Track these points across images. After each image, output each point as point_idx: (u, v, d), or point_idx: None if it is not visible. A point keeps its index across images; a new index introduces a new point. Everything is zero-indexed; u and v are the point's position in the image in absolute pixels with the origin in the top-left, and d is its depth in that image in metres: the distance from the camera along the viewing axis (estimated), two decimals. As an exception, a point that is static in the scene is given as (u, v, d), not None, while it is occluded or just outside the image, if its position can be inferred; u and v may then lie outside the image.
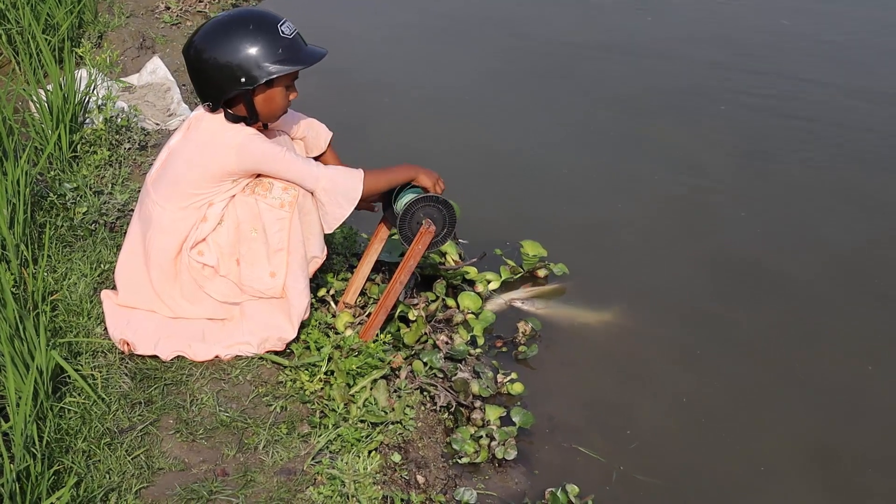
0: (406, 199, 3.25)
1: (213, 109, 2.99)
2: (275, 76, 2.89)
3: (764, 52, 6.26)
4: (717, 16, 6.78)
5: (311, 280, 3.23)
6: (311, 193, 3.05)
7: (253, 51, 2.85)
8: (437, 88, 5.70)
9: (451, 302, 3.78)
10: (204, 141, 2.98)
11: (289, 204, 3.01)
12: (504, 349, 3.71)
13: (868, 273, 4.23)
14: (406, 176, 3.24)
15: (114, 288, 3.29)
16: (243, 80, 2.87)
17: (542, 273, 4.09)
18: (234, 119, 2.99)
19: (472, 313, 3.75)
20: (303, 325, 3.21)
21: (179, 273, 3.07)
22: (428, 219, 3.24)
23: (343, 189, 3.05)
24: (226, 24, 2.91)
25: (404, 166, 3.25)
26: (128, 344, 3.05)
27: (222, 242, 3.04)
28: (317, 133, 3.37)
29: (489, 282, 3.97)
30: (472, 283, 3.94)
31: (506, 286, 4.02)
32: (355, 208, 3.09)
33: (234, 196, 3.03)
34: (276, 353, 3.17)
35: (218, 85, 2.89)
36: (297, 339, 3.20)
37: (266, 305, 3.12)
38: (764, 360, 3.73)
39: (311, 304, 3.25)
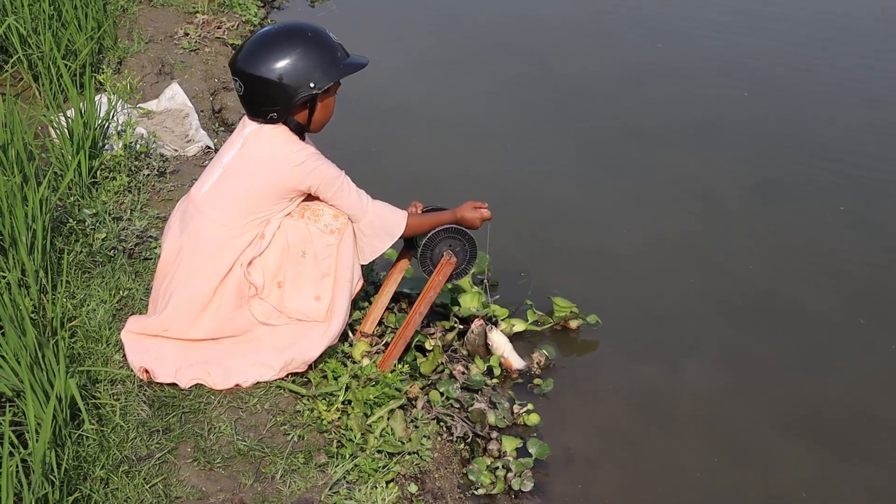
0: (427, 230, 3.28)
1: (276, 121, 3.03)
2: (339, 78, 3.03)
3: (778, 84, 6.26)
4: (731, 47, 6.78)
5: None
6: (354, 223, 3.13)
7: (318, 55, 2.98)
8: (454, 117, 5.70)
9: (455, 309, 3.78)
10: (266, 158, 3.03)
11: (338, 231, 3.08)
12: (520, 380, 3.70)
13: (884, 303, 4.22)
14: (450, 220, 3.29)
15: (132, 314, 3.31)
16: (312, 84, 2.97)
17: (574, 324, 3.94)
18: (296, 127, 3.07)
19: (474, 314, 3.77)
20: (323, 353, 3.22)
21: (220, 293, 3.07)
22: (449, 250, 3.25)
23: (388, 225, 3.16)
24: (283, 34, 3.02)
25: (449, 212, 3.32)
26: (147, 371, 3.05)
27: (269, 265, 3.08)
28: None
29: (513, 325, 3.87)
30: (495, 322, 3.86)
31: (535, 335, 3.93)
32: None
33: (281, 222, 3.07)
34: (295, 379, 3.18)
35: (288, 92, 2.97)
36: (312, 366, 3.21)
37: (298, 326, 3.14)
38: (781, 392, 3.72)
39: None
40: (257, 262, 3.06)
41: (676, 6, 7.45)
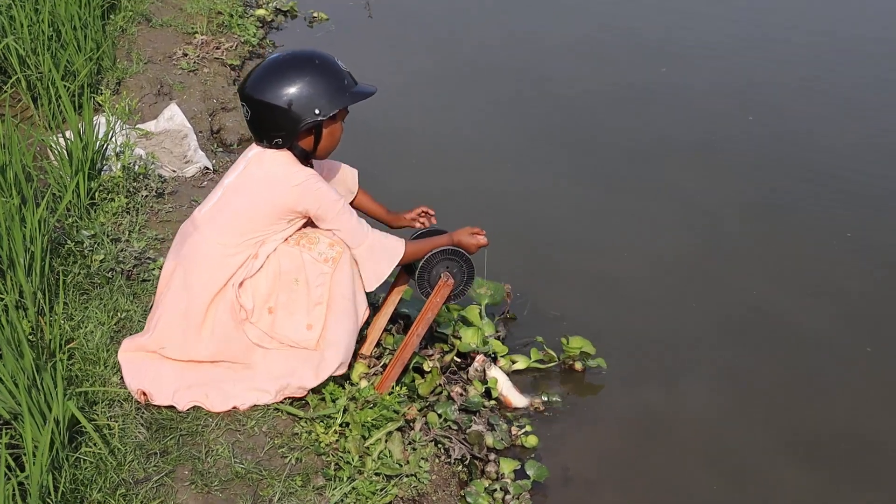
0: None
1: (281, 146, 3.06)
2: (345, 105, 3.05)
3: (779, 104, 6.28)
4: (730, 68, 6.81)
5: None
6: (351, 249, 3.13)
7: (324, 83, 3.00)
8: (454, 137, 5.72)
9: (456, 342, 3.76)
10: (266, 178, 3.05)
11: (332, 260, 3.06)
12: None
13: (885, 324, 4.22)
14: (447, 244, 3.29)
15: (129, 335, 3.30)
16: (317, 111, 2.99)
17: (579, 366, 3.87)
18: (301, 153, 3.09)
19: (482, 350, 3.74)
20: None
21: (213, 311, 3.07)
22: (446, 272, 3.25)
23: (387, 250, 3.16)
24: (291, 61, 3.04)
25: (446, 236, 3.33)
26: (145, 394, 3.05)
27: (260, 289, 3.08)
28: (344, 175, 3.47)
29: (514, 362, 3.84)
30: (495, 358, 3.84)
31: (539, 372, 3.89)
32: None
33: (276, 247, 3.08)
34: (293, 402, 3.17)
35: (293, 118, 2.99)
36: (316, 390, 3.21)
37: (292, 353, 3.13)
38: (780, 414, 3.72)
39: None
40: (248, 285, 3.06)
41: (675, 28, 7.48)
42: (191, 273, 3.08)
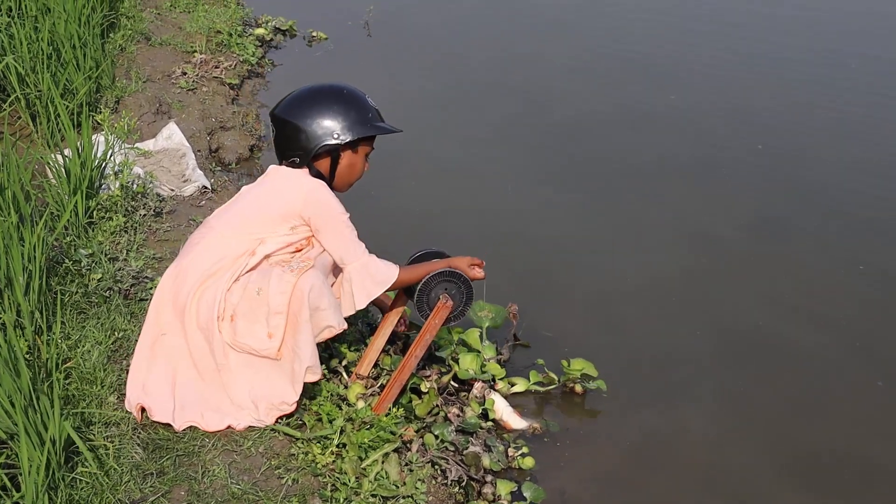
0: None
1: (298, 165, 3.20)
2: (364, 136, 3.22)
3: (776, 125, 6.30)
4: (732, 89, 6.84)
5: (324, 350, 3.25)
6: (345, 266, 3.19)
7: (347, 112, 3.19)
8: (452, 158, 5.73)
9: (454, 366, 3.76)
10: (278, 183, 3.22)
11: (300, 270, 3.07)
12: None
13: (879, 345, 4.22)
14: (442, 267, 3.33)
15: (127, 356, 3.30)
16: (336, 135, 3.15)
17: (579, 388, 3.85)
18: (316, 174, 3.21)
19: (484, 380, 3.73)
20: (313, 396, 3.22)
21: (200, 293, 3.09)
22: (445, 293, 3.26)
23: (381, 270, 3.23)
24: (319, 90, 3.25)
25: (443, 261, 3.38)
26: (143, 410, 3.05)
27: (230, 300, 3.09)
28: None
29: (513, 385, 3.83)
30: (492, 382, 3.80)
31: (539, 396, 3.86)
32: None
33: (271, 251, 3.14)
34: (289, 422, 3.17)
35: (312, 137, 3.16)
36: (306, 408, 3.21)
37: (262, 365, 3.12)
38: (780, 437, 3.71)
39: (323, 374, 3.24)
40: (228, 294, 3.08)
41: (677, 50, 7.53)
42: (188, 255, 3.17)
